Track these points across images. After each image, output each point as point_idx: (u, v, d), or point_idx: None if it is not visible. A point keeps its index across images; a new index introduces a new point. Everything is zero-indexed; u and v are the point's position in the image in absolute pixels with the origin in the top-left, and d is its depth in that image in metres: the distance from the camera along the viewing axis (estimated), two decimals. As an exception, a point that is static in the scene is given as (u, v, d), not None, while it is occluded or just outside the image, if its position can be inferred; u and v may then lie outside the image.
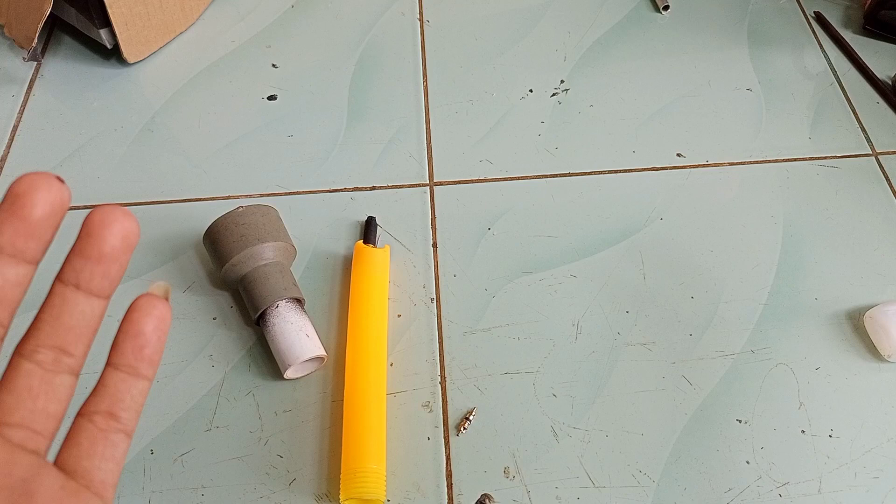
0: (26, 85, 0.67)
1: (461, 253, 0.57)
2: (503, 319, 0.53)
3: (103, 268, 0.22)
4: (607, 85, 0.67)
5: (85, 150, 0.62)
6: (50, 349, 0.22)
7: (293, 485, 0.47)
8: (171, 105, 0.65)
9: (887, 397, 0.50)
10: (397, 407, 0.50)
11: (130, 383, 0.23)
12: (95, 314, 0.22)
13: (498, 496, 0.46)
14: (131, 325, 0.23)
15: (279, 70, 0.68)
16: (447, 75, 0.68)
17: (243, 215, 0.51)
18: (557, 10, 0.73)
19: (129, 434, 0.23)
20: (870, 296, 0.55)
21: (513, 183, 0.61)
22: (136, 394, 0.23)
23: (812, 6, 0.74)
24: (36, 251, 0.21)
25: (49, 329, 0.22)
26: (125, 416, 0.23)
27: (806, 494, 0.47)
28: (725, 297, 0.55)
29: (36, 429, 0.22)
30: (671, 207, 0.59)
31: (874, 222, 0.59)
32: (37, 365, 0.22)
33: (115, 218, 0.21)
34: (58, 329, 0.22)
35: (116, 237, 0.21)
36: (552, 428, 0.49)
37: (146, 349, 0.23)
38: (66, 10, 0.66)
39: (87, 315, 0.22)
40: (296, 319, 0.49)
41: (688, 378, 0.51)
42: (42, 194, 0.20)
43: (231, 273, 0.51)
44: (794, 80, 0.68)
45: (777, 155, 0.63)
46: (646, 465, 0.48)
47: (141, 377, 0.23)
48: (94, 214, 0.21)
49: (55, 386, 0.22)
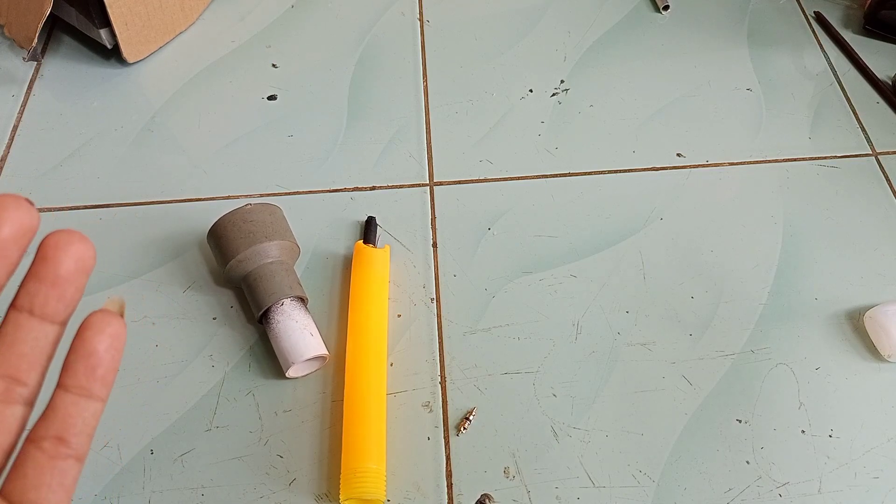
0: (26, 85, 0.67)
1: (461, 253, 0.57)
2: (503, 319, 0.53)
3: (58, 291, 0.21)
4: (607, 85, 0.67)
5: (85, 150, 0.62)
6: (1, 378, 0.21)
7: (293, 485, 0.47)
8: (171, 105, 0.65)
9: (887, 397, 0.50)
10: (397, 407, 0.50)
11: (82, 406, 0.22)
12: (49, 340, 0.22)
13: (498, 496, 0.46)
14: (83, 344, 0.22)
15: (279, 70, 0.68)
16: (447, 75, 0.68)
17: (251, 213, 0.52)
18: (557, 10, 0.73)
19: (80, 459, 0.22)
20: (870, 296, 0.55)
21: (513, 183, 0.61)
22: (89, 416, 0.22)
23: (812, 6, 0.74)
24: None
25: (1, 358, 0.21)
26: (76, 441, 0.22)
27: (806, 494, 0.47)
28: (725, 297, 0.55)
29: None
30: (671, 207, 0.59)
31: (874, 222, 0.59)
32: None
33: (71, 241, 0.21)
34: (10, 357, 0.21)
35: (71, 260, 0.21)
36: (552, 428, 0.49)
37: (99, 369, 0.22)
38: (66, 10, 0.66)
39: (41, 341, 0.21)
40: (300, 318, 0.49)
41: (688, 378, 0.51)
42: (11, 214, 0.20)
43: (236, 270, 0.51)
44: (794, 80, 0.68)
45: (777, 155, 0.63)
46: (646, 465, 0.48)
47: (94, 398, 0.22)
48: (49, 238, 0.21)
49: (5, 418, 0.21)
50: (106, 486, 0.46)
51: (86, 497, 0.46)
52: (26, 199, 0.20)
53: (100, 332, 0.22)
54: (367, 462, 0.45)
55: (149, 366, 0.51)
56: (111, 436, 0.48)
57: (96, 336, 0.22)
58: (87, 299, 0.54)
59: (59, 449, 0.22)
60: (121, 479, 0.47)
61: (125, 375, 0.51)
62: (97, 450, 0.48)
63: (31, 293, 0.21)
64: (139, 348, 0.52)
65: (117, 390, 0.50)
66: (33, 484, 0.22)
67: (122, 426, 0.49)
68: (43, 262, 0.21)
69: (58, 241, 0.21)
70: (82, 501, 0.46)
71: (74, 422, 0.22)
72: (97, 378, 0.22)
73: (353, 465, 0.45)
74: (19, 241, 0.20)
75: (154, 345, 0.52)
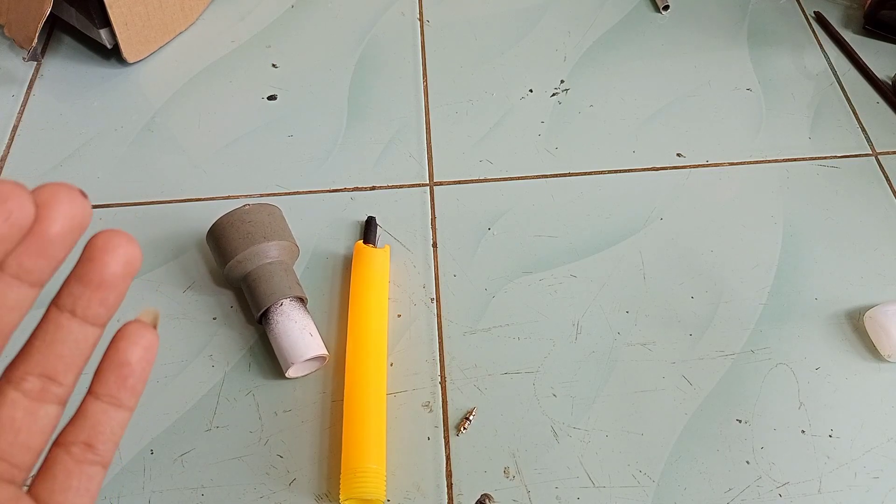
0: (26, 85, 0.67)
1: (461, 253, 0.57)
2: (503, 319, 0.53)
3: (101, 295, 0.21)
4: (607, 85, 0.67)
5: (85, 150, 0.62)
6: (38, 377, 0.21)
7: (293, 485, 0.47)
8: (171, 105, 0.65)
9: (887, 397, 0.50)
10: (397, 407, 0.50)
11: (111, 414, 0.22)
12: (89, 343, 0.21)
13: (498, 496, 0.46)
14: (117, 354, 0.22)
15: (279, 70, 0.68)
16: (447, 75, 0.68)
17: (250, 213, 0.52)
18: (557, 10, 0.73)
19: (105, 466, 0.23)
20: (870, 296, 0.55)
21: (513, 183, 0.61)
22: (116, 425, 0.22)
23: (812, 6, 0.74)
24: (43, 273, 0.20)
25: (40, 356, 0.21)
26: (103, 448, 0.22)
27: (806, 494, 0.47)
28: (725, 297, 0.55)
29: (14, 462, 0.21)
30: (671, 207, 0.59)
31: (874, 222, 0.59)
32: (23, 394, 0.21)
33: (119, 243, 0.20)
34: (49, 357, 0.21)
35: (119, 263, 0.21)
36: (552, 428, 0.49)
37: (130, 379, 0.22)
38: (66, 10, 0.66)
39: (81, 344, 0.21)
40: (299, 318, 0.50)
41: (688, 378, 0.51)
42: (64, 207, 0.19)
43: (235, 270, 0.51)
44: (794, 80, 0.68)
45: (777, 155, 0.63)
46: (646, 465, 0.48)
47: (123, 408, 0.22)
48: (96, 238, 0.20)
49: (39, 418, 0.21)
50: (106, 486, 0.46)
51: (86, 497, 0.46)
52: (80, 191, 0.19)
53: (134, 342, 0.22)
54: (367, 462, 0.45)
55: (149, 366, 0.51)
56: (111, 436, 0.48)
57: (130, 347, 0.22)
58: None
59: (87, 455, 0.22)
60: (121, 479, 0.47)
61: (125, 375, 0.51)
62: (97, 450, 0.48)
63: (74, 295, 0.21)
64: (139, 348, 0.52)
65: (117, 390, 0.50)
66: (62, 487, 0.22)
67: (122, 426, 0.49)
68: (89, 262, 0.20)
69: (105, 242, 0.20)
70: (82, 501, 0.46)
71: (103, 429, 0.22)
72: (128, 388, 0.22)
73: (353, 465, 0.45)
74: (68, 238, 0.19)
75: (154, 345, 0.52)
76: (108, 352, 0.22)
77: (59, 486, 0.22)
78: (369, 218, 0.57)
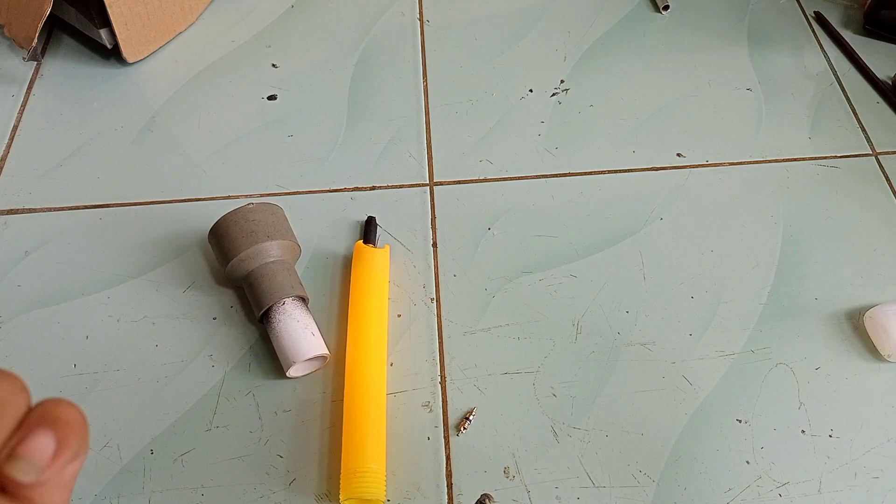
0: (26, 85, 0.67)
1: (461, 253, 0.57)
2: (503, 319, 0.53)
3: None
4: (607, 85, 0.67)
5: (85, 150, 0.62)
6: None
7: (293, 485, 0.47)
8: (171, 105, 0.65)
9: (887, 397, 0.50)
10: (397, 407, 0.50)
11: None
12: None
13: (498, 496, 0.46)
14: None
15: (279, 70, 0.68)
16: (447, 75, 0.68)
17: (253, 212, 0.52)
18: (557, 10, 0.73)
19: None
20: (870, 296, 0.55)
21: (513, 183, 0.61)
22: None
23: (812, 6, 0.74)
24: None
25: None
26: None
27: (806, 494, 0.47)
28: (725, 297, 0.55)
29: None
30: (671, 207, 0.59)
31: (874, 222, 0.59)
32: None
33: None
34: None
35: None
36: (552, 428, 0.49)
37: None
38: (66, 10, 0.66)
39: None
40: (301, 317, 0.50)
41: (688, 378, 0.51)
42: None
43: (237, 269, 0.51)
44: (794, 80, 0.68)
45: (777, 155, 0.63)
46: (646, 465, 0.48)
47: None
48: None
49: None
50: (106, 486, 0.46)
51: (86, 497, 0.46)
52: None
53: None
54: (367, 462, 0.45)
55: (149, 366, 0.51)
56: (111, 435, 0.48)
57: None
58: (87, 300, 0.54)
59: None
60: (121, 478, 0.47)
61: (125, 375, 0.51)
62: (97, 450, 0.48)
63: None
64: (139, 348, 0.52)
65: (118, 390, 0.50)
66: None
67: (122, 426, 0.49)
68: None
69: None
70: (82, 501, 0.46)
71: None
72: None
73: (353, 465, 0.45)
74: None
75: (154, 345, 0.52)
76: None
77: None
78: (369, 218, 0.57)
